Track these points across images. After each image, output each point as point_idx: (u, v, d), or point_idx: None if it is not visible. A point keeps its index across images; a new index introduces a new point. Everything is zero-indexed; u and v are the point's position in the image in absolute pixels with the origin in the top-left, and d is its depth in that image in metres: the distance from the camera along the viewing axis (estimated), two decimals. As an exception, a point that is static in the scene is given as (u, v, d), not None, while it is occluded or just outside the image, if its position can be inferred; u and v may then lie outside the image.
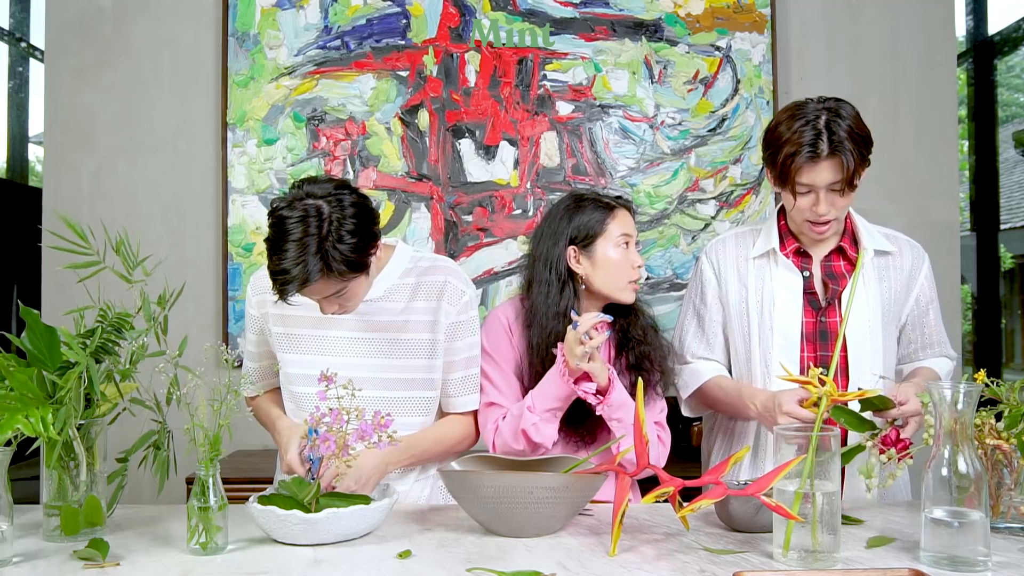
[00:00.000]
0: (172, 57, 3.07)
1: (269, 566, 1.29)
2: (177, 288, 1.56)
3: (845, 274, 1.76)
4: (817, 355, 1.74)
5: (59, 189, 3.04)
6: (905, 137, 3.15)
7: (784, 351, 1.74)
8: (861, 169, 1.66)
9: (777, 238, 1.79)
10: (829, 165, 1.63)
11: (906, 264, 1.80)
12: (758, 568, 1.26)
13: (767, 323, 1.76)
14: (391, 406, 1.57)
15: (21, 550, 1.37)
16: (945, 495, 1.27)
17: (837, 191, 1.65)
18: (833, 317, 1.74)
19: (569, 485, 1.42)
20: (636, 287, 1.77)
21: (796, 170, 1.64)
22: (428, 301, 1.71)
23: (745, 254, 1.83)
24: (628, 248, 1.75)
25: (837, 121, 1.63)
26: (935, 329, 1.85)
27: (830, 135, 1.62)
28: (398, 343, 1.70)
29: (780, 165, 1.66)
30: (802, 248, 1.78)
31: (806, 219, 1.70)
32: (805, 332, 1.75)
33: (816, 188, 1.65)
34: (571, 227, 1.76)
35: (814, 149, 1.62)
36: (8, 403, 1.35)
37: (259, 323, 1.76)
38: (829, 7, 3.17)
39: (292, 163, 3.04)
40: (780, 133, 1.67)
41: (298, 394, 1.73)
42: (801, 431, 1.31)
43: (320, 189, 1.50)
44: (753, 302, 1.79)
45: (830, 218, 1.68)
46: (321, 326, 1.70)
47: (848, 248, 1.77)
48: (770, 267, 1.79)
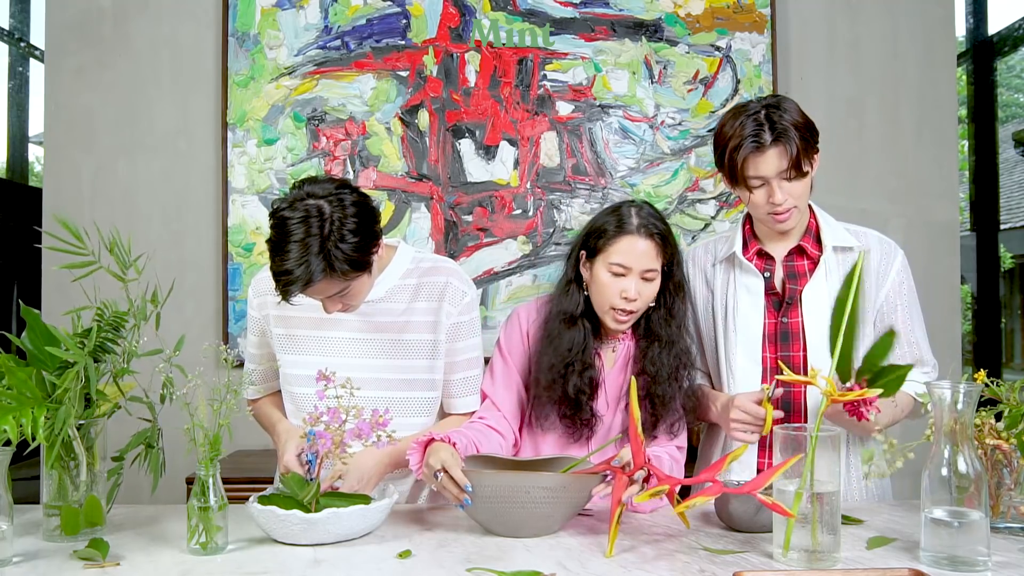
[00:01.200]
0: (172, 57, 3.07)
1: (269, 566, 1.29)
2: (174, 288, 1.56)
3: (806, 273, 1.76)
4: (779, 355, 1.74)
5: (59, 189, 3.04)
6: (905, 137, 3.15)
7: (747, 352, 1.75)
8: (809, 155, 1.67)
9: (740, 242, 1.81)
10: (775, 153, 1.64)
11: (873, 260, 1.78)
12: (758, 568, 1.26)
13: (730, 325, 1.78)
14: (392, 407, 1.57)
15: (21, 550, 1.37)
16: (945, 495, 1.27)
17: (788, 179, 1.66)
18: (794, 317, 1.74)
19: (566, 485, 1.42)
20: (620, 318, 1.67)
21: (743, 162, 1.66)
22: (429, 302, 1.71)
23: (712, 259, 1.86)
24: (622, 278, 1.65)
25: (777, 112, 1.66)
26: (904, 328, 1.77)
27: (771, 124, 1.64)
28: (399, 344, 1.70)
29: (728, 160, 1.68)
30: (764, 250, 1.80)
31: (766, 212, 1.71)
32: (767, 333, 1.75)
33: (767, 179, 1.67)
34: (589, 230, 1.73)
35: (757, 139, 1.64)
36: (3, 402, 1.35)
37: (260, 324, 1.77)
38: (829, 7, 3.17)
39: (292, 163, 3.04)
40: (724, 132, 1.70)
41: (298, 395, 1.73)
42: (799, 431, 1.31)
43: (321, 189, 1.51)
44: (718, 306, 1.81)
45: (788, 206, 1.69)
46: (322, 327, 1.70)
47: (809, 247, 1.77)
48: (732, 271, 1.81)
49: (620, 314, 1.68)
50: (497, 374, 1.78)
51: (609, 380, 1.76)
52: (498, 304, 3.04)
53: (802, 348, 1.72)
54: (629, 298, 1.65)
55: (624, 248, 1.66)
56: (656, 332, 1.72)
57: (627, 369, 1.75)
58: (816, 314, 1.72)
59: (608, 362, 1.77)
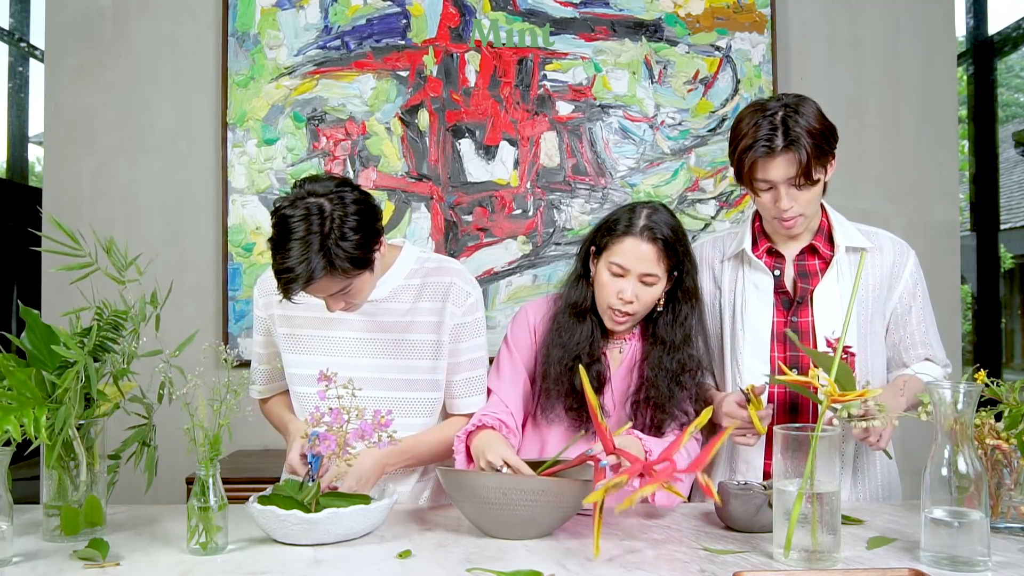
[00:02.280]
0: (172, 57, 3.07)
1: (269, 566, 1.29)
2: (174, 288, 1.56)
3: (818, 272, 1.75)
4: (787, 355, 1.72)
5: (59, 189, 3.04)
6: (905, 137, 3.15)
7: (754, 351, 1.73)
8: (822, 163, 1.64)
9: (750, 239, 1.79)
10: (784, 160, 1.62)
11: (886, 261, 1.77)
12: (758, 568, 1.26)
13: (738, 323, 1.76)
14: (395, 407, 1.58)
15: (21, 550, 1.37)
16: (945, 495, 1.27)
17: (796, 186, 1.64)
18: (804, 316, 1.73)
19: (545, 489, 1.40)
20: (616, 319, 1.68)
21: (751, 165, 1.64)
22: (433, 302, 1.71)
23: (720, 256, 1.84)
24: (620, 279, 1.65)
25: (794, 117, 1.62)
26: (918, 329, 1.77)
27: (785, 130, 1.61)
28: (403, 344, 1.70)
29: (737, 160, 1.67)
30: (775, 248, 1.78)
31: (772, 216, 1.70)
32: (775, 331, 1.74)
33: (775, 183, 1.65)
34: (601, 225, 1.73)
35: (769, 144, 1.61)
36: (4, 403, 1.35)
37: (266, 324, 1.77)
38: (829, 7, 3.17)
39: (292, 163, 3.04)
40: (740, 129, 1.68)
41: (301, 394, 1.73)
42: (799, 431, 1.31)
43: (322, 187, 1.51)
44: (726, 303, 1.79)
45: (794, 214, 1.67)
46: (326, 327, 1.70)
47: (821, 247, 1.76)
48: (742, 268, 1.79)
49: (617, 315, 1.67)
50: (503, 369, 1.78)
51: (616, 380, 1.75)
52: (498, 304, 3.04)
53: (812, 348, 1.70)
54: (625, 299, 1.65)
55: (625, 249, 1.65)
56: (660, 336, 1.71)
57: (633, 372, 1.74)
58: (827, 314, 1.71)
59: (615, 363, 1.76)
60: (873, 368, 1.75)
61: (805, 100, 1.67)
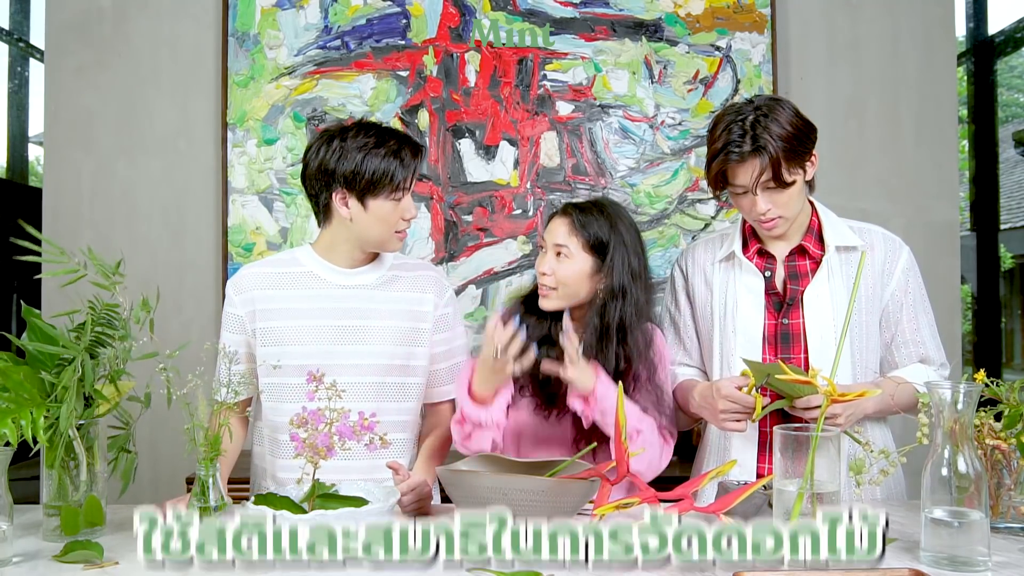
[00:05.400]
0: (172, 57, 3.07)
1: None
2: (174, 288, 1.56)
3: (808, 273, 1.74)
4: (779, 357, 1.70)
5: (59, 189, 3.04)
6: (905, 137, 3.15)
7: (746, 353, 1.72)
8: (797, 164, 1.63)
9: (740, 241, 1.79)
10: (752, 164, 1.61)
11: (878, 258, 1.75)
12: (758, 568, 1.26)
13: (729, 325, 1.76)
14: (382, 392, 1.68)
15: (21, 550, 1.37)
16: (945, 495, 1.27)
17: (771, 188, 1.64)
18: (795, 318, 1.72)
19: (546, 489, 1.41)
20: (543, 292, 1.73)
21: (719, 169, 1.65)
22: (414, 292, 1.80)
23: (712, 258, 1.83)
24: (544, 254, 1.74)
25: (764, 121, 1.61)
26: (909, 327, 1.75)
27: (754, 135, 1.60)
28: (385, 330, 1.76)
29: (707, 166, 1.68)
30: (765, 249, 1.77)
31: (753, 219, 1.70)
32: (766, 334, 1.73)
33: (747, 188, 1.64)
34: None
35: (737, 148, 1.61)
36: (1, 405, 1.35)
37: (242, 322, 1.79)
38: (829, 7, 3.16)
39: (292, 163, 3.04)
40: (713, 133, 1.68)
41: (276, 384, 1.74)
42: (799, 431, 1.31)
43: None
44: (717, 305, 1.79)
45: (772, 215, 1.66)
46: (304, 316, 1.74)
47: (811, 247, 1.75)
48: (733, 270, 1.79)
49: (542, 288, 1.73)
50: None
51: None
52: (498, 304, 3.04)
53: (803, 350, 1.71)
54: (543, 272, 1.72)
55: (549, 226, 1.75)
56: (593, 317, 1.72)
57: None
58: (818, 316, 1.70)
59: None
60: (867, 368, 1.74)
61: (780, 102, 1.66)
